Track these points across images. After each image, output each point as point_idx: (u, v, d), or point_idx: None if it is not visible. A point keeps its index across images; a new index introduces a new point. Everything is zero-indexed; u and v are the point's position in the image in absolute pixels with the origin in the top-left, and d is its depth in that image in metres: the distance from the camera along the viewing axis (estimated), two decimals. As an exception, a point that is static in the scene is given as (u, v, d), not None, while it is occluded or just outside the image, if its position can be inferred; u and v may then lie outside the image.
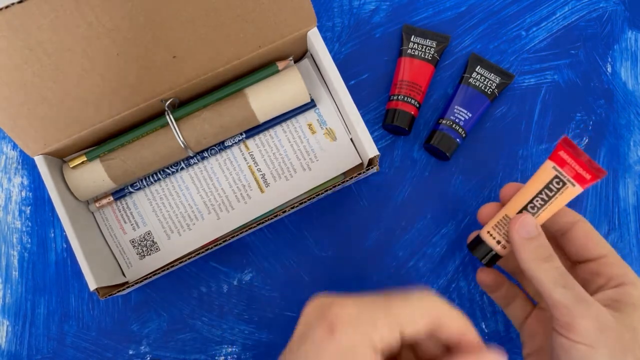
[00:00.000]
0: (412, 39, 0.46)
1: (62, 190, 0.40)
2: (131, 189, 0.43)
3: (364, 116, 0.46)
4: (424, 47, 0.46)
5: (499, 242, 0.34)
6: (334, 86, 0.41)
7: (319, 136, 0.44)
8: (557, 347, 0.31)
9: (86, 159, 0.41)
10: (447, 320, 0.27)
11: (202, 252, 0.40)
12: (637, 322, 0.30)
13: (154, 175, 0.43)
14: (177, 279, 0.45)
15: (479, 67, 0.46)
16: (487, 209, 0.37)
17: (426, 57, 0.46)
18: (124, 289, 0.39)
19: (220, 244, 0.41)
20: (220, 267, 0.45)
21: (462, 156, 0.46)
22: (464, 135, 0.44)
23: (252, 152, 0.44)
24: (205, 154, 0.43)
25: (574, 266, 0.36)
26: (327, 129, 0.44)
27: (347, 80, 0.47)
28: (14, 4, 0.31)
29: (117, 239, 0.43)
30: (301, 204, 0.41)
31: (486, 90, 0.45)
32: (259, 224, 0.40)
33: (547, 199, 0.33)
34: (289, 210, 0.41)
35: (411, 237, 0.45)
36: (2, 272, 0.45)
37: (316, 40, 0.41)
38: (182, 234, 0.43)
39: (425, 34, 0.47)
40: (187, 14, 0.36)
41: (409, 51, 0.46)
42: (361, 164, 0.44)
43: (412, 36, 0.47)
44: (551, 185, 0.32)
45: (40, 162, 0.40)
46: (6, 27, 0.32)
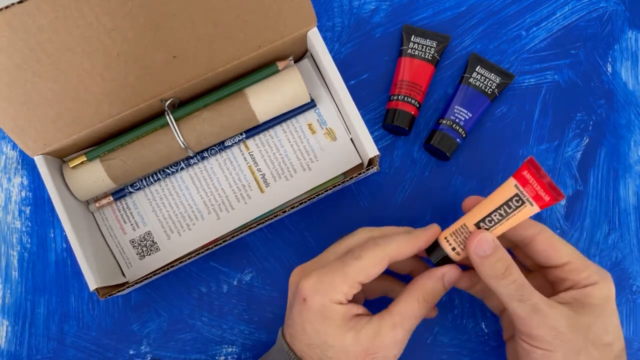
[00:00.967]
0: (412, 39, 0.46)
1: (62, 190, 0.40)
2: (131, 189, 0.43)
3: (364, 116, 0.46)
4: (424, 47, 0.46)
5: (454, 249, 0.35)
6: (334, 86, 0.41)
7: (319, 136, 0.44)
8: (520, 348, 0.34)
9: (86, 159, 0.41)
10: (396, 255, 0.34)
11: (202, 252, 0.40)
12: (593, 321, 0.33)
13: (154, 175, 0.43)
14: (177, 279, 0.45)
15: (479, 67, 0.46)
16: (471, 201, 0.38)
17: (426, 57, 0.46)
18: (124, 289, 0.39)
19: (220, 244, 0.41)
20: (220, 267, 0.45)
21: (462, 156, 0.46)
22: (464, 135, 0.44)
23: (252, 152, 0.44)
24: (205, 154, 0.43)
25: (542, 270, 0.37)
26: (327, 129, 0.44)
27: (347, 80, 0.47)
28: (14, 4, 0.31)
29: (117, 239, 0.43)
30: (301, 204, 0.41)
31: (486, 90, 0.45)
32: (259, 224, 0.40)
33: (504, 214, 0.34)
34: (289, 210, 0.41)
35: (411, 237, 0.45)
36: (2, 272, 0.45)
37: (316, 40, 0.41)
38: (182, 234, 0.43)
39: (425, 34, 0.47)
40: (187, 14, 0.36)
41: (409, 51, 0.46)
42: (361, 164, 0.44)
43: (412, 36, 0.47)
44: (510, 202, 0.34)
45: (40, 162, 0.40)
46: (6, 27, 0.32)
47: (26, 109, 0.37)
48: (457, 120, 0.44)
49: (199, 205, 0.44)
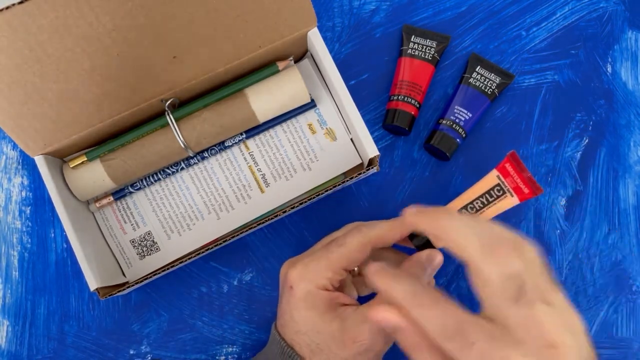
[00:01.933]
0: (412, 39, 0.46)
1: (62, 190, 0.40)
2: (131, 189, 0.43)
3: (364, 116, 0.46)
4: (424, 47, 0.46)
5: None
6: (334, 86, 0.41)
7: (319, 136, 0.44)
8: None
9: (86, 159, 0.41)
10: (377, 240, 0.35)
11: (202, 252, 0.40)
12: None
13: (154, 175, 0.43)
14: (177, 279, 0.45)
15: (479, 67, 0.46)
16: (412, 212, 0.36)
17: (426, 57, 0.46)
18: (124, 289, 0.39)
19: (220, 244, 0.41)
20: (220, 267, 0.45)
21: (462, 156, 0.46)
22: (464, 135, 0.44)
23: (252, 152, 0.44)
24: (205, 154, 0.43)
25: None
26: (327, 129, 0.44)
27: (347, 80, 0.47)
28: (14, 5, 0.31)
29: (117, 239, 0.43)
30: (301, 204, 0.41)
31: (486, 90, 0.45)
32: (259, 224, 0.40)
33: (486, 202, 0.36)
34: (289, 210, 0.41)
35: (411, 237, 0.45)
36: (2, 272, 0.45)
37: (316, 40, 0.41)
38: (182, 234, 0.43)
39: (425, 34, 0.47)
40: (187, 14, 0.36)
41: (409, 51, 0.46)
42: (361, 164, 0.44)
43: (412, 36, 0.47)
44: (492, 191, 0.36)
45: (40, 162, 0.40)
46: (6, 27, 0.32)
47: (26, 109, 0.37)
48: (457, 120, 0.44)
49: (199, 205, 0.44)
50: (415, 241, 0.37)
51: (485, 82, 0.45)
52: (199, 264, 0.45)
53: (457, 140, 0.44)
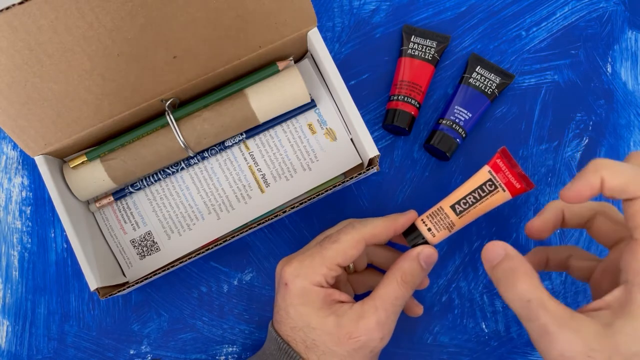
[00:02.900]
0: (412, 39, 0.46)
1: (62, 190, 0.40)
2: (131, 189, 0.43)
3: (364, 116, 0.46)
4: (424, 47, 0.46)
5: (430, 230, 0.37)
6: (334, 86, 0.41)
7: (319, 136, 0.44)
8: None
9: (86, 159, 0.41)
10: (372, 237, 0.36)
11: (202, 252, 0.40)
12: (629, 334, 0.26)
13: (154, 175, 0.43)
14: (178, 279, 0.45)
15: (479, 67, 0.46)
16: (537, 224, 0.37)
17: (426, 57, 0.46)
18: (125, 289, 0.39)
19: (220, 244, 0.41)
20: (220, 267, 0.45)
21: (462, 156, 0.46)
22: (464, 135, 0.44)
23: (253, 152, 0.44)
24: (205, 154, 0.43)
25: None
26: (327, 129, 0.44)
27: (347, 80, 0.47)
28: (14, 5, 0.31)
29: (118, 239, 0.43)
30: (301, 204, 0.41)
31: (486, 90, 0.45)
32: (259, 224, 0.40)
33: (478, 197, 0.36)
34: (289, 210, 0.41)
35: (411, 237, 0.45)
36: (3, 272, 0.45)
37: (316, 40, 0.41)
38: (182, 234, 0.43)
39: (425, 34, 0.47)
40: (187, 14, 0.36)
41: (409, 51, 0.46)
42: (361, 164, 0.44)
43: (412, 36, 0.47)
44: (484, 186, 0.36)
45: (40, 162, 0.40)
46: (7, 28, 0.32)
47: (27, 109, 0.37)
48: (457, 120, 0.44)
49: (199, 205, 0.44)
50: (409, 238, 0.37)
51: (485, 82, 0.45)
52: (199, 264, 0.45)
53: (457, 140, 0.44)
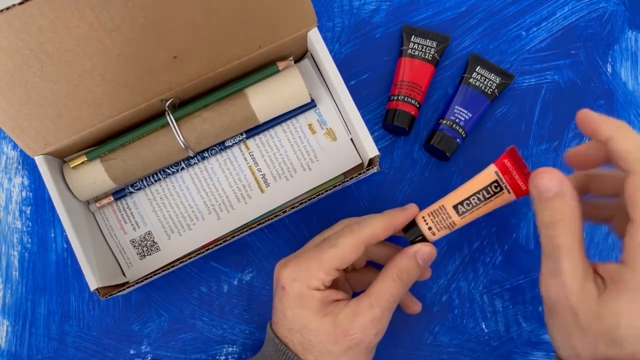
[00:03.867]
0: (412, 39, 0.46)
1: (62, 190, 0.40)
2: (131, 189, 0.43)
3: (364, 116, 0.46)
4: (424, 47, 0.46)
5: (430, 228, 0.36)
6: (334, 86, 0.41)
7: (319, 136, 0.44)
8: None
9: (86, 159, 0.41)
10: (371, 239, 0.35)
11: (203, 252, 0.40)
12: (612, 310, 0.27)
13: (154, 175, 0.43)
14: (178, 279, 0.45)
15: (479, 67, 0.46)
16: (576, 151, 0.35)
17: (426, 57, 0.46)
18: (125, 289, 0.39)
19: (220, 244, 0.41)
20: (220, 267, 0.45)
21: (462, 156, 0.46)
22: (464, 135, 0.44)
23: (253, 152, 0.44)
24: (205, 154, 0.43)
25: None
26: (327, 129, 0.44)
27: (347, 80, 0.47)
28: (14, 5, 0.31)
29: (118, 239, 0.43)
30: (301, 204, 0.41)
31: (486, 90, 0.45)
32: (259, 224, 0.40)
33: (482, 199, 0.35)
34: (289, 210, 0.41)
35: (411, 237, 0.45)
36: (3, 272, 0.45)
37: (316, 40, 0.41)
38: (182, 234, 0.43)
39: (425, 34, 0.47)
40: (187, 14, 0.36)
41: (409, 51, 0.46)
42: (361, 164, 0.44)
43: (413, 36, 0.47)
44: (489, 187, 0.35)
45: (40, 162, 0.40)
46: (7, 28, 0.32)
47: (27, 109, 0.37)
48: (457, 120, 0.44)
49: (200, 205, 0.44)
50: (408, 234, 0.37)
51: (485, 82, 0.45)
52: (199, 264, 0.45)
53: (457, 140, 0.44)
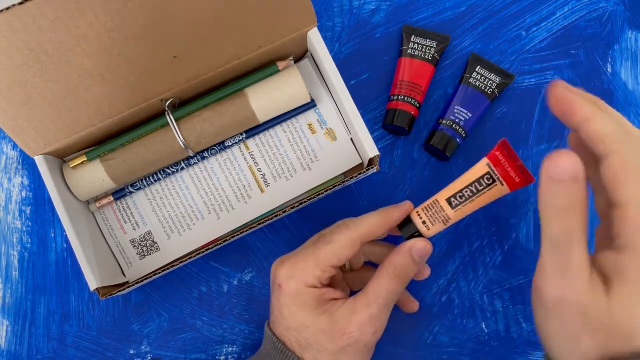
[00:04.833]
0: (412, 39, 0.46)
1: (62, 190, 0.40)
2: (131, 189, 0.43)
3: (364, 116, 0.46)
4: (424, 47, 0.46)
5: (425, 223, 0.36)
6: (334, 86, 0.41)
7: (319, 136, 0.44)
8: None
9: (86, 159, 0.41)
10: (367, 235, 0.35)
11: (203, 252, 0.40)
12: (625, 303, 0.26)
13: (154, 175, 0.43)
14: (178, 279, 0.45)
15: (479, 67, 0.46)
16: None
17: (426, 57, 0.46)
18: (125, 289, 0.39)
19: (220, 244, 0.41)
20: (220, 267, 0.45)
21: (462, 156, 0.46)
22: (464, 135, 0.44)
23: (253, 152, 0.44)
24: (205, 154, 0.43)
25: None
26: (327, 129, 0.44)
27: (347, 80, 0.47)
28: (14, 5, 0.31)
29: (118, 239, 0.43)
30: (301, 204, 0.41)
31: (486, 90, 0.45)
32: (259, 224, 0.40)
33: (475, 191, 0.35)
34: (289, 210, 0.41)
35: (411, 237, 0.45)
36: (3, 272, 0.45)
37: (316, 40, 0.41)
38: (182, 234, 0.43)
39: (425, 34, 0.47)
40: (187, 14, 0.36)
41: (409, 51, 0.46)
42: (361, 164, 0.44)
43: (413, 36, 0.47)
44: (482, 180, 0.34)
45: (40, 162, 0.40)
46: (7, 28, 0.32)
47: (27, 109, 0.37)
48: (457, 120, 0.44)
49: (200, 205, 0.44)
50: (403, 231, 0.37)
51: (485, 82, 0.45)
52: (199, 264, 0.45)
53: (457, 140, 0.44)
